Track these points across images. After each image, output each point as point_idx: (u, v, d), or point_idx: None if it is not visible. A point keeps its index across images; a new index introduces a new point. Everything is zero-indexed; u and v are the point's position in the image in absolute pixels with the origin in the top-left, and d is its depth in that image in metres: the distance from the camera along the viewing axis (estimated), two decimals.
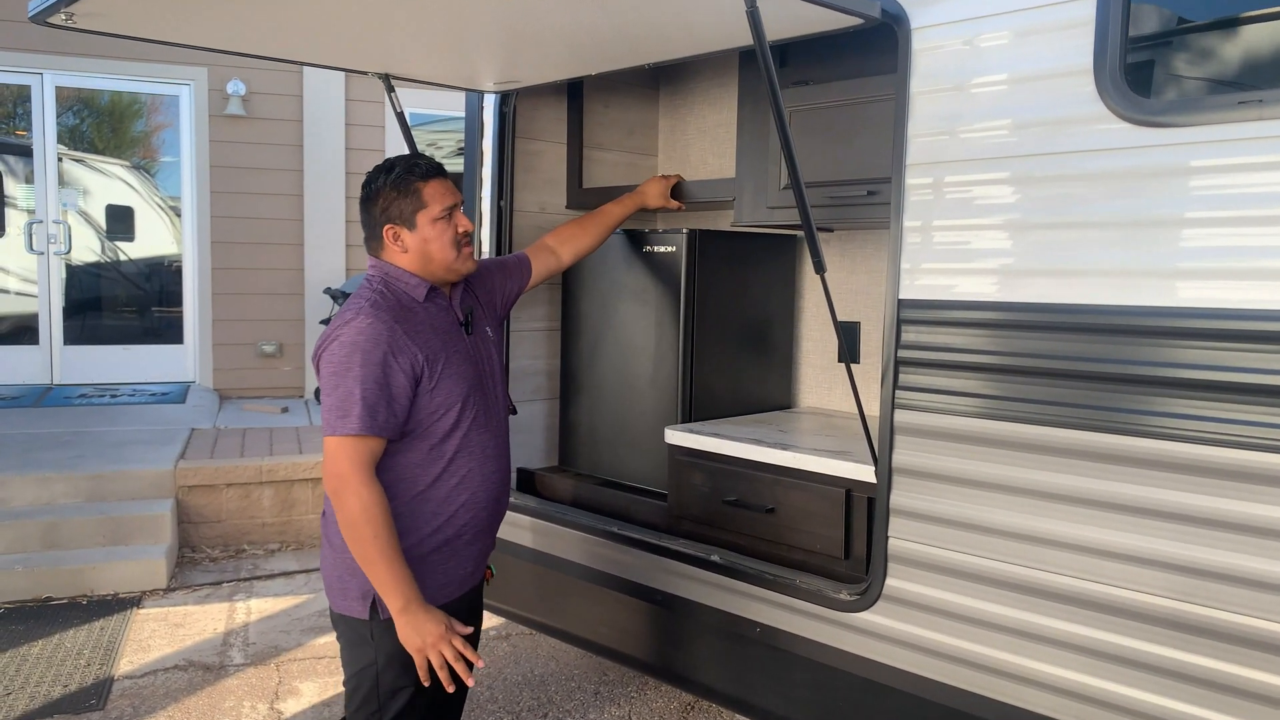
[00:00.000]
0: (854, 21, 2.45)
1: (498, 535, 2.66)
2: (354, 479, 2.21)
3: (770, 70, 2.29)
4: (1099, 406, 2.16)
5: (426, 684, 2.30)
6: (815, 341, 3.82)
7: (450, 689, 2.27)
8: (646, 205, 3.41)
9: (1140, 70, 2.18)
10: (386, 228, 2.38)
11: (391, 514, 2.25)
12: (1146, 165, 2.09)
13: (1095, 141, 2.15)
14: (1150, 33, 2.22)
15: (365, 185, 2.44)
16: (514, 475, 3.64)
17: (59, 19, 2.39)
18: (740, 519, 3.06)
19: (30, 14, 2.36)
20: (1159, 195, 2.07)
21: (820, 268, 2.52)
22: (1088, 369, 2.18)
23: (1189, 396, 2.05)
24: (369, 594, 2.30)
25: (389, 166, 2.41)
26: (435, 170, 2.42)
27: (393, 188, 2.38)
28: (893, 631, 2.54)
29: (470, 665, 2.29)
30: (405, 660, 2.30)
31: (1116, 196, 2.13)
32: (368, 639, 2.34)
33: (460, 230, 2.42)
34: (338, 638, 2.46)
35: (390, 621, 2.28)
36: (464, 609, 2.49)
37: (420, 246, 2.38)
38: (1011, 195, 2.30)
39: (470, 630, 2.32)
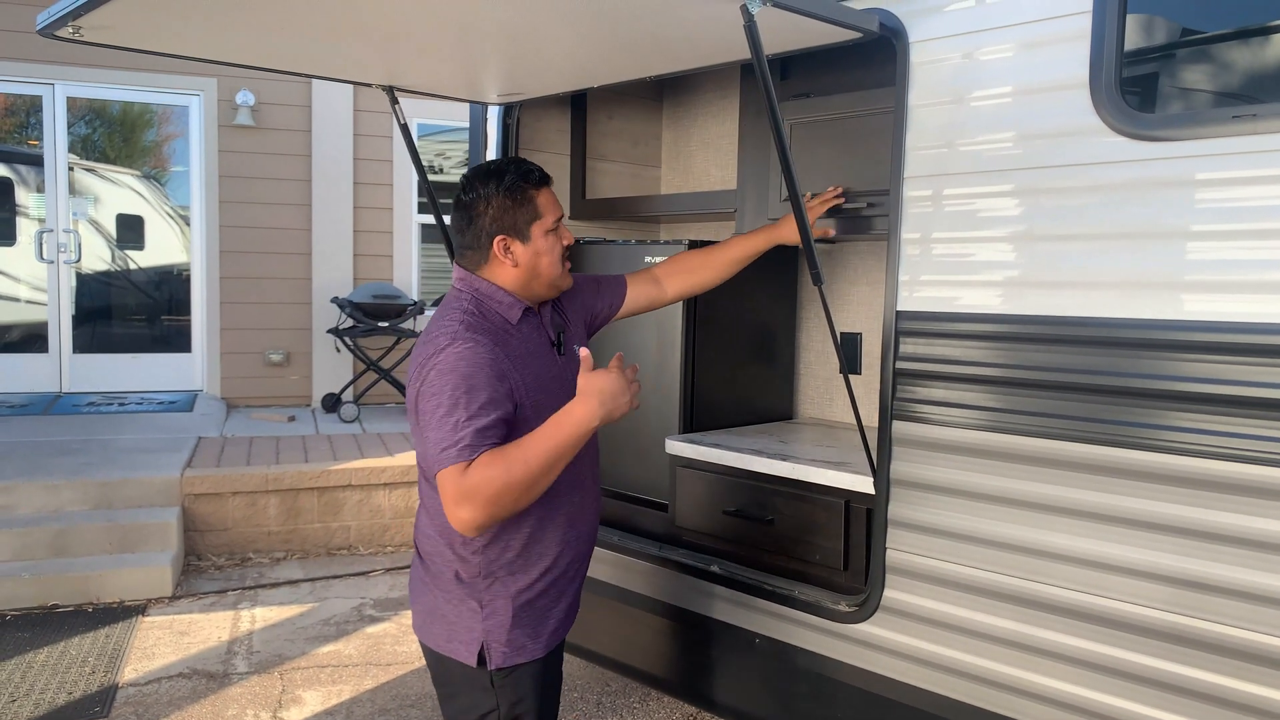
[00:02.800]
0: (853, 36, 2.47)
1: None
2: (468, 492, 1.99)
3: (768, 84, 2.31)
4: (1095, 419, 2.17)
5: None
6: (817, 353, 3.83)
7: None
8: (784, 241, 2.89)
9: (1136, 84, 2.19)
10: (499, 239, 2.18)
11: (494, 450, 2.02)
12: (1141, 178, 2.10)
13: (1091, 155, 2.17)
14: (1145, 46, 2.23)
15: (467, 190, 2.22)
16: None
17: (66, 32, 2.42)
18: (740, 529, 3.07)
19: (38, 28, 2.39)
20: (1154, 208, 2.09)
21: (818, 279, 2.53)
22: (1085, 381, 2.19)
23: (1181, 409, 2.06)
24: (477, 642, 2.19)
25: (498, 171, 2.21)
26: (546, 178, 2.25)
27: (507, 195, 2.18)
28: (891, 643, 2.55)
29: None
30: (528, 701, 2.23)
31: (1112, 209, 2.14)
32: (487, 687, 2.22)
33: (566, 243, 2.27)
34: (437, 678, 2.32)
35: (509, 669, 2.19)
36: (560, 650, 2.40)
37: (531, 260, 2.20)
38: (1009, 208, 2.31)
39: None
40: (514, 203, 2.18)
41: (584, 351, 2.13)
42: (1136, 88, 2.18)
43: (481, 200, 2.19)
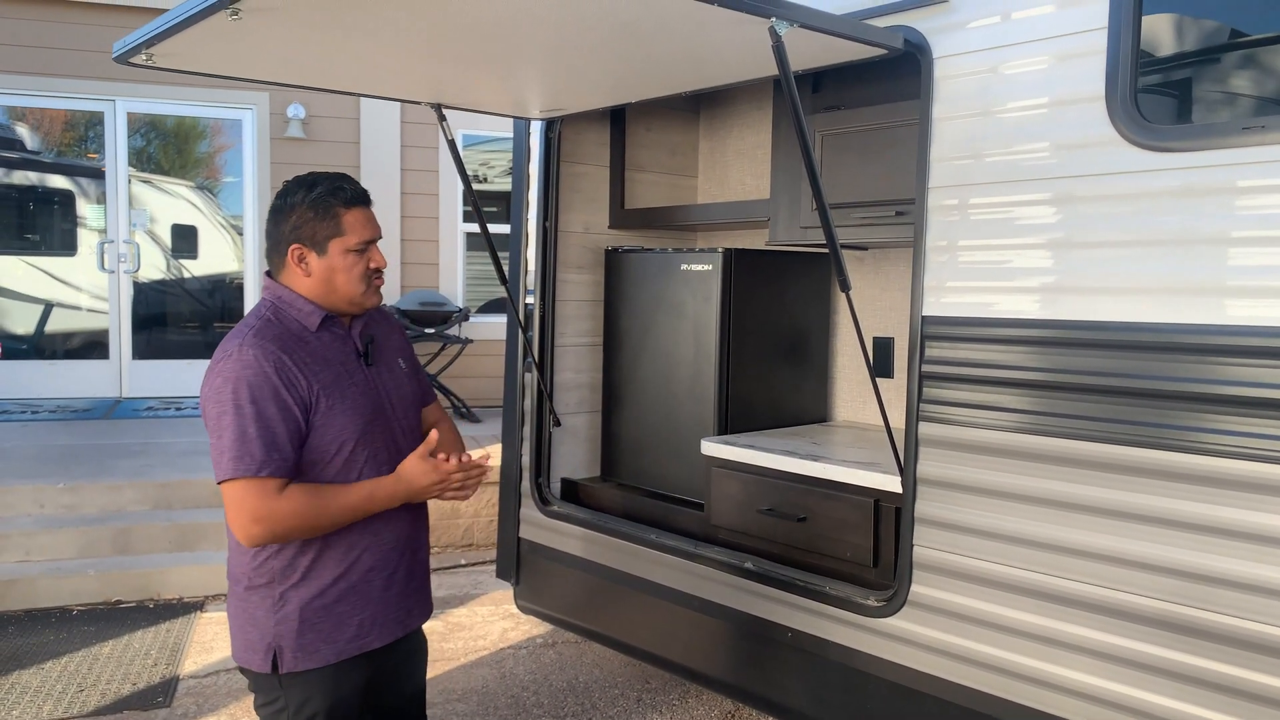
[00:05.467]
0: (878, 52, 2.57)
1: (534, 540, 2.56)
2: (272, 508, 2.08)
3: (795, 100, 2.42)
4: (1115, 420, 2.25)
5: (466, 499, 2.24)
6: (850, 357, 3.91)
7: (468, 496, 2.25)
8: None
9: (1150, 96, 2.27)
10: (293, 247, 2.20)
11: (308, 484, 2.12)
12: (1156, 188, 2.18)
13: (1107, 165, 2.25)
14: (1159, 60, 2.31)
15: (279, 196, 2.23)
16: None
17: (140, 59, 2.59)
18: (773, 528, 3.17)
19: (114, 55, 2.56)
20: (1168, 216, 2.16)
21: (845, 286, 2.63)
22: (1106, 383, 2.27)
23: (1200, 410, 2.13)
24: (270, 648, 2.19)
25: (310, 182, 2.22)
26: (360, 198, 2.24)
27: (310, 207, 2.19)
28: (918, 636, 2.63)
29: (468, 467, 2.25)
30: (316, 704, 2.22)
31: (1128, 218, 2.22)
32: (276, 687, 2.22)
33: (373, 265, 2.25)
34: (250, 686, 2.32)
35: (298, 675, 2.18)
36: (399, 656, 2.39)
37: (326, 274, 2.21)
38: (1030, 217, 2.40)
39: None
40: (316, 216, 2.19)
41: (433, 434, 2.24)
42: (1151, 100, 2.26)
43: (288, 208, 2.21)
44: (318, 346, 2.22)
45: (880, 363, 3.67)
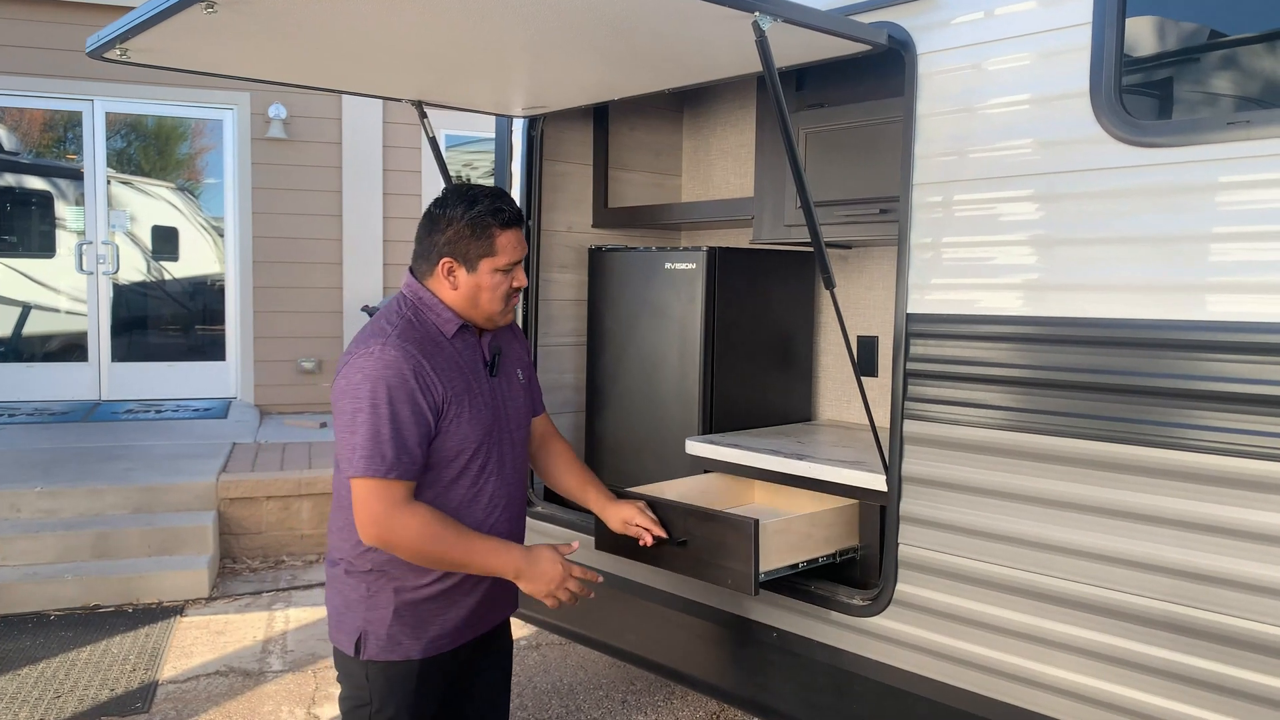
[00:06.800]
0: (862, 48, 2.56)
1: None
2: (394, 518, 2.14)
3: (779, 95, 2.40)
4: (1098, 416, 2.24)
5: (557, 605, 2.31)
6: (835, 355, 3.90)
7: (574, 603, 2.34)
8: (605, 520, 2.73)
9: (1135, 93, 2.27)
10: (445, 260, 2.26)
11: (441, 512, 2.21)
12: (1141, 184, 2.17)
13: (1093, 161, 2.24)
14: (1144, 56, 2.31)
15: (438, 206, 2.29)
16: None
17: (114, 54, 2.55)
18: None
19: (88, 50, 2.52)
20: (1153, 213, 2.16)
21: (829, 283, 2.62)
22: (1092, 380, 2.26)
23: (1183, 406, 2.12)
24: (358, 631, 2.28)
25: (471, 198, 2.26)
26: (516, 219, 2.30)
27: (468, 225, 2.24)
28: (904, 635, 2.62)
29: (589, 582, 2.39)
30: (399, 700, 2.30)
31: (1114, 214, 2.21)
32: (362, 680, 2.31)
33: (515, 285, 2.32)
34: (337, 668, 2.43)
35: (383, 664, 2.27)
36: (479, 651, 2.47)
37: (472, 291, 2.27)
38: (1015, 213, 2.39)
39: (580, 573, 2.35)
40: (472, 234, 2.25)
41: (575, 544, 2.40)
42: (1136, 96, 2.26)
43: (445, 220, 2.26)
44: (451, 353, 2.27)
45: (865, 361, 3.66)
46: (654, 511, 2.70)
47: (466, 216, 2.24)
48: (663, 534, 2.66)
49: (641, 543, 2.66)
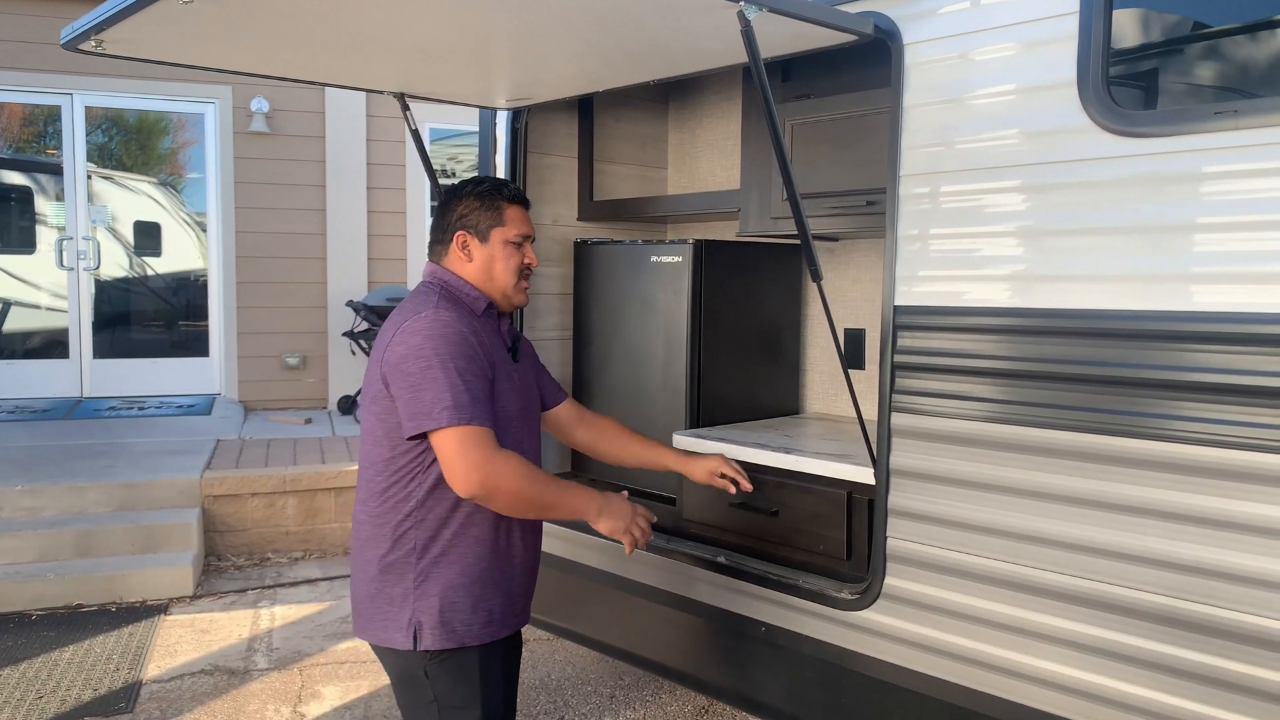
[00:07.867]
0: (849, 38, 2.54)
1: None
2: (494, 461, 2.14)
3: (765, 87, 2.38)
4: (1088, 408, 2.23)
5: (630, 552, 2.42)
6: (822, 349, 3.89)
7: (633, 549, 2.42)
8: (689, 476, 2.91)
9: (1123, 82, 2.25)
10: (459, 234, 2.37)
11: (529, 462, 2.25)
12: (1129, 174, 2.16)
13: (1080, 151, 2.23)
14: (1132, 46, 2.29)
15: (448, 193, 2.43)
16: None
17: (90, 45, 2.51)
18: (746, 521, 3.14)
19: (63, 41, 2.48)
20: (1141, 203, 2.15)
21: (816, 276, 2.60)
22: (1080, 372, 2.25)
23: (1171, 398, 2.12)
24: (412, 623, 2.24)
25: (478, 180, 2.43)
26: (520, 197, 2.43)
27: (477, 198, 2.38)
28: (893, 629, 2.61)
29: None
30: (465, 691, 2.27)
31: (1102, 205, 2.20)
32: (422, 676, 2.27)
33: (526, 261, 2.41)
34: (387, 671, 2.38)
35: (440, 653, 2.25)
36: (512, 644, 2.48)
37: (486, 261, 2.36)
38: (1003, 204, 2.37)
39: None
40: (481, 205, 2.38)
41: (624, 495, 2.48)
42: (1124, 86, 2.25)
43: (456, 199, 2.40)
44: (484, 330, 2.33)
45: (852, 354, 3.65)
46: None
47: (475, 192, 2.38)
48: (749, 486, 2.83)
49: (733, 491, 2.83)
